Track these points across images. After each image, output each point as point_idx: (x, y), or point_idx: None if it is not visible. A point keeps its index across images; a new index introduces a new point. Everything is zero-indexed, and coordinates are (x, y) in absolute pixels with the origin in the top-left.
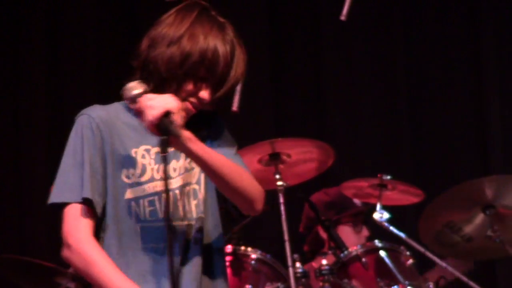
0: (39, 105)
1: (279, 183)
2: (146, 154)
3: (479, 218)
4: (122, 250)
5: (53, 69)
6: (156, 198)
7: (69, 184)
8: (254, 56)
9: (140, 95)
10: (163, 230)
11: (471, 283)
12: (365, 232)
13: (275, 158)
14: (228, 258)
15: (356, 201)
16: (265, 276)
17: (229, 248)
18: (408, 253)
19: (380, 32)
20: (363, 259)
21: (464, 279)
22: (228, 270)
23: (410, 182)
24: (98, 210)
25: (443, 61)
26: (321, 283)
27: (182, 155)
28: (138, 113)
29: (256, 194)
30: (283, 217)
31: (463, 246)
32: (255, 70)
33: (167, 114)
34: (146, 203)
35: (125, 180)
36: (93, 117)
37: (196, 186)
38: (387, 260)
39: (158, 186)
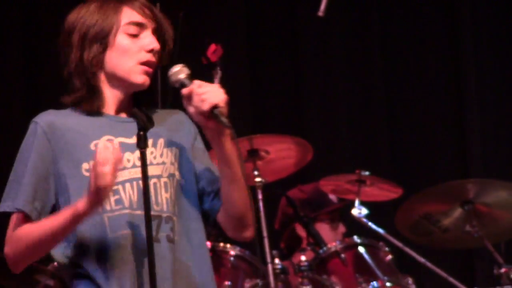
0: (15, 108)
1: (258, 179)
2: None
3: (457, 212)
4: (94, 242)
5: (30, 69)
6: (120, 187)
7: (10, 194)
8: (231, 53)
9: (187, 80)
10: (130, 218)
11: (450, 279)
12: (341, 228)
13: (253, 154)
14: None
15: (332, 197)
16: (244, 272)
17: (208, 244)
18: (386, 249)
19: (358, 29)
20: (342, 255)
21: (443, 274)
22: None
23: (388, 178)
24: (34, 216)
25: (421, 57)
26: (300, 279)
27: (149, 145)
28: (185, 98)
29: (252, 218)
30: (262, 213)
31: (438, 236)
32: (232, 67)
33: (215, 106)
34: (111, 193)
35: (86, 174)
36: (38, 122)
37: (167, 180)
38: (366, 256)
39: (121, 175)
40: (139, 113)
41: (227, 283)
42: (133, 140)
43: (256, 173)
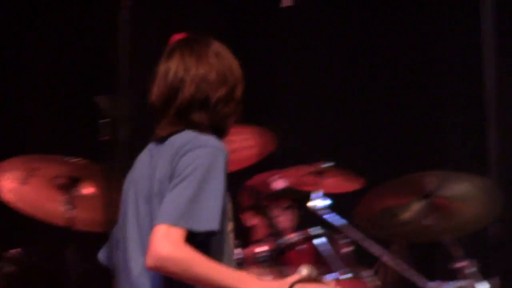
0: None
1: None
2: None
3: (417, 205)
4: None
5: None
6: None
7: (210, 213)
8: None
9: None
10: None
11: (410, 271)
12: (289, 215)
13: None
14: None
15: (277, 185)
16: None
17: None
18: (346, 240)
19: (331, 27)
20: (301, 246)
21: (404, 267)
22: None
23: (350, 169)
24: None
25: (388, 51)
26: (258, 270)
27: None
28: None
29: None
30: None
31: (398, 229)
32: None
33: None
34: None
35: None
36: (226, 153)
37: None
38: (324, 247)
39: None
40: (103, 101)
41: None
42: None
43: None
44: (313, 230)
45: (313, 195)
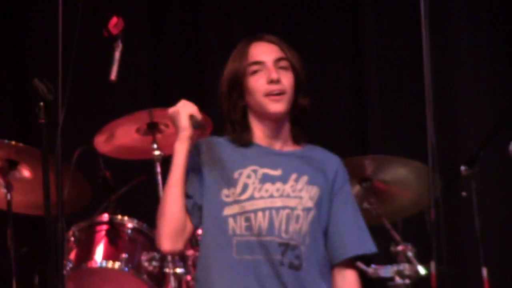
0: None
1: (156, 152)
2: (252, 174)
3: (355, 189)
4: (219, 260)
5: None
6: (252, 215)
7: None
8: (133, 25)
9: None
10: (256, 244)
11: None
12: None
13: (153, 127)
14: (104, 227)
15: None
16: (141, 245)
17: (105, 217)
18: None
19: (261, 9)
20: None
21: None
22: (105, 239)
23: None
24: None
25: (322, 40)
26: (197, 253)
27: (291, 180)
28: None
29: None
30: (160, 186)
31: None
32: (133, 38)
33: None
34: (243, 219)
35: (224, 199)
36: (200, 142)
37: (300, 213)
38: None
39: (256, 204)
40: (40, 84)
41: (124, 255)
42: (277, 172)
43: (155, 146)
44: None
45: None
